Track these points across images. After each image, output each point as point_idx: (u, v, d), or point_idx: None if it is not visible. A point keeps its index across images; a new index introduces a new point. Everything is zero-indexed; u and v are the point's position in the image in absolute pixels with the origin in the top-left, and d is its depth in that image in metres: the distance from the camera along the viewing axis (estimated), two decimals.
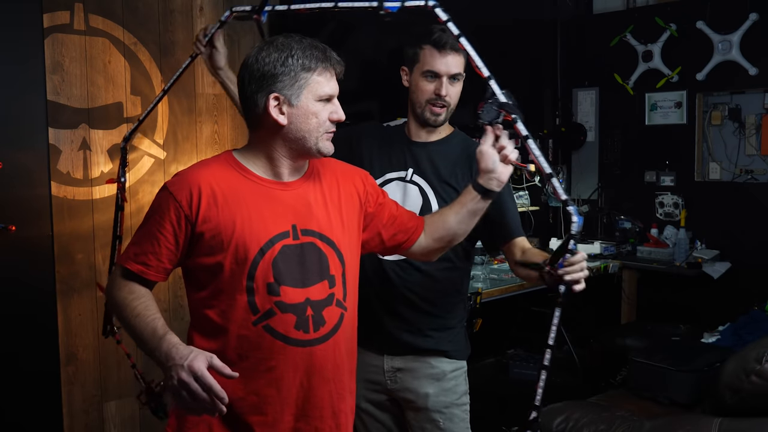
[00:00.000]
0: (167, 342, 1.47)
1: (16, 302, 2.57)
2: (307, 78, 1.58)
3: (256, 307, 1.56)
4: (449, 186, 2.12)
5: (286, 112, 1.57)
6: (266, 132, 1.61)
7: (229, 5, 3.46)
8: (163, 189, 1.60)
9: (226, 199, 1.57)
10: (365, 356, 2.19)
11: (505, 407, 3.88)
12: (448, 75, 2.07)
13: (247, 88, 1.60)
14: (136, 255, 1.59)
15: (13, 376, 2.57)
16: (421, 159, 2.15)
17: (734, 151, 4.55)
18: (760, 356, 2.15)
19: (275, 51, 1.58)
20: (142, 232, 1.60)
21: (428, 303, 2.13)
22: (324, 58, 1.60)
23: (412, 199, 2.13)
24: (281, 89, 1.57)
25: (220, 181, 1.58)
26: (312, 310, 1.60)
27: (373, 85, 3.89)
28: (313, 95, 1.59)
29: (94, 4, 3.01)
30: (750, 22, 4.32)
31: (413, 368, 2.15)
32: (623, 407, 2.73)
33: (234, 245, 1.55)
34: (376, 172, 2.18)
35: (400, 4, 1.82)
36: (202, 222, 1.55)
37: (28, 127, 2.60)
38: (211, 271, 1.57)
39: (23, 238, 2.57)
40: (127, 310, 1.55)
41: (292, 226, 1.60)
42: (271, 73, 1.56)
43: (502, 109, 1.70)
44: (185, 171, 1.63)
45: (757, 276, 4.27)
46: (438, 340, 2.14)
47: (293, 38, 1.60)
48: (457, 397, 2.17)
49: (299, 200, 1.64)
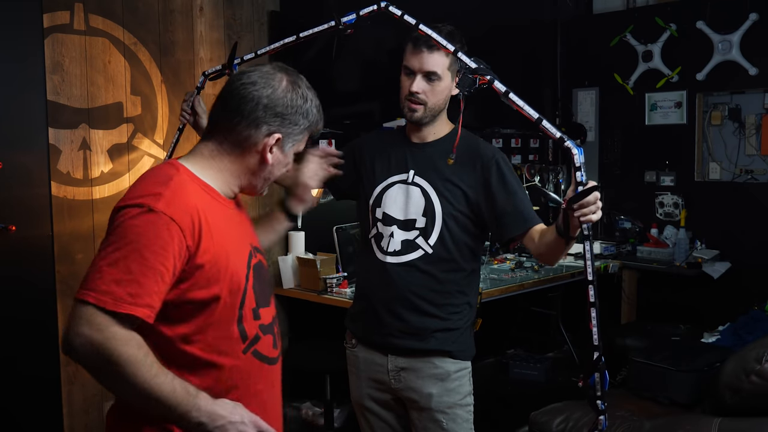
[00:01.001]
0: (206, 400, 1.35)
1: (16, 302, 2.57)
2: (304, 135, 1.55)
3: (246, 335, 1.48)
4: (452, 184, 2.11)
5: (274, 153, 1.51)
6: (241, 157, 1.51)
7: (229, 5, 3.46)
8: (157, 213, 1.35)
9: (213, 225, 1.43)
10: (370, 355, 2.20)
11: (505, 407, 3.89)
12: (421, 72, 2.05)
13: (255, 106, 1.47)
14: (136, 296, 1.31)
15: (14, 376, 2.57)
16: (421, 160, 2.15)
17: (734, 151, 4.55)
18: (760, 356, 2.15)
19: (309, 91, 1.53)
20: (134, 266, 1.31)
21: (432, 305, 2.12)
22: (317, 122, 1.57)
23: (415, 200, 2.12)
24: (288, 134, 1.50)
25: (204, 205, 1.44)
26: (276, 328, 1.60)
27: (373, 86, 3.88)
28: (296, 149, 1.56)
29: (94, 4, 3.01)
30: (750, 22, 4.32)
31: (417, 368, 2.14)
32: (623, 407, 2.73)
33: (228, 274, 1.44)
34: (378, 177, 2.19)
35: (355, 15, 1.94)
36: (203, 253, 1.39)
37: (28, 127, 2.61)
38: (204, 304, 1.41)
39: (23, 238, 2.57)
40: (143, 370, 1.30)
41: (250, 245, 1.56)
42: (292, 114, 1.49)
43: (475, 75, 1.74)
44: (172, 192, 1.40)
45: (757, 276, 4.27)
46: (442, 341, 2.13)
47: (312, 90, 1.55)
48: (460, 397, 2.16)
49: (243, 218, 1.62)
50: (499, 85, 1.73)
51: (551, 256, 2.03)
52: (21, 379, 2.59)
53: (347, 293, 3.39)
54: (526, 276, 3.80)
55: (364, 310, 2.22)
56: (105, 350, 1.28)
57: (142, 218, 1.34)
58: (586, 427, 2.54)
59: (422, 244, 2.11)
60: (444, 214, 2.10)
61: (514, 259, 4.17)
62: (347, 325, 2.31)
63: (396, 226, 2.14)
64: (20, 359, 2.59)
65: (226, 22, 3.46)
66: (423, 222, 2.11)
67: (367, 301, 2.20)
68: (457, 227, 2.11)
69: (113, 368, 1.29)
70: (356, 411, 2.32)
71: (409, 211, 2.12)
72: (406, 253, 2.12)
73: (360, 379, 2.25)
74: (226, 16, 3.46)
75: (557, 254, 2.00)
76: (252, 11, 3.56)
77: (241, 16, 3.51)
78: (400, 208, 2.14)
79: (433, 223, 2.10)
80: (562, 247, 1.91)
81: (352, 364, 2.28)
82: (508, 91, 1.70)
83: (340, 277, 3.49)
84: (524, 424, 2.81)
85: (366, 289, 2.23)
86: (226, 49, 3.44)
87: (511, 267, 3.97)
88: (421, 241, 2.11)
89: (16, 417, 2.59)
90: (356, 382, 2.27)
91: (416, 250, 2.11)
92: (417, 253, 2.11)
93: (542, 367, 4.36)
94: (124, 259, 1.31)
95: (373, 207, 2.19)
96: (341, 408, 3.55)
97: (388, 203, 2.16)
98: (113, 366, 1.29)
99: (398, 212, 2.14)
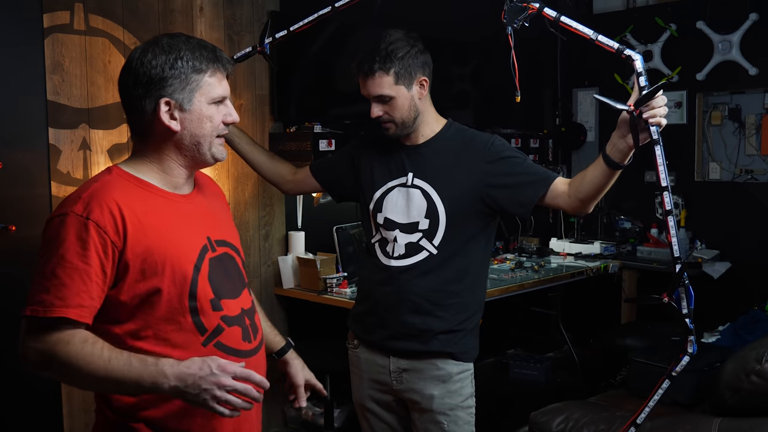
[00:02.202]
0: (170, 364, 1.34)
1: (16, 302, 2.56)
2: (198, 80, 1.48)
3: (203, 327, 1.47)
4: (453, 180, 2.09)
5: (179, 117, 1.48)
6: (157, 140, 1.50)
7: (229, 5, 3.46)
8: (72, 215, 1.38)
9: (147, 218, 1.44)
10: (372, 356, 2.20)
11: (505, 407, 3.89)
12: (371, 97, 2.08)
13: (132, 93, 1.48)
14: (65, 298, 1.34)
15: (14, 376, 2.57)
16: (418, 161, 2.14)
17: (734, 151, 4.55)
18: (760, 356, 2.15)
19: (162, 53, 1.46)
20: (59, 270, 1.35)
21: (436, 307, 2.10)
22: (215, 58, 1.50)
23: (416, 203, 2.11)
24: (172, 93, 1.46)
25: (132, 200, 1.44)
26: (248, 319, 1.59)
27: None
28: (206, 98, 1.49)
29: (94, 4, 3.01)
30: (750, 22, 4.32)
31: (419, 369, 2.14)
32: (623, 407, 2.73)
33: (169, 266, 1.44)
34: (377, 183, 2.18)
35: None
36: (133, 246, 1.40)
37: (28, 127, 2.61)
38: (144, 298, 1.42)
39: (23, 238, 2.57)
40: (94, 360, 1.33)
41: (207, 238, 1.55)
42: (160, 76, 1.45)
43: (524, 3, 1.67)
44: (90, 193, 1.42)
45: (757, 276, 4.27)
46: (444, 343, 2.12)
47: (180, 38, 1.50)
48: (462, 399, 2.16)
49: (203, 212, 1.59)
50: (549, 11, 1.67)
51: (593, 197, 1.94)
52: (21, 379, 2.59)
53: (347, 293, 3.39)
54: (526, 276, 3.80)
55: (367, 312, 2.21)
56: (51, 355, 1.35)
57: (62, 225, 1.38)
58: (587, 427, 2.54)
59: (426, 245, 2.10)
60: (447, 214, 2.08)
61: (514, 259, 4.17)
62: (350, 325, 2.30)
63: (399, 230, 2.12)
64: None
65: (226, 22, 3.46)
66: (426, 224, 2.09)
67: (371, 303, 2.19)
68: (462, 225, 2.09)
69: (65, 369, 1.35)
70: (357, 411, 2.32)
71: (411, 214, 2.11)
72: (410, 256, 2.11)
73: (362, 380, 2.24)
74: (226, 16, 3.46)
75: (600, 192, 1.93)
76: (252, 11, 3.56)
77: (241, 16, 3.51)
78: (402, 211, 2.12)
79: (436, 224, 2.08)
80: (608, 180, 1.87)
81: (354, 364, 2.28)
82: (559, 14, 1.65)
83: (340, 277, 3.49)
84: (524, 424, 2.81)
85: (369, 291, 2.22)
86: (227, 48, 3.44)
87: (511, 267, 3.97)
88: (425, 243, 2.10)
89: (17, 417, 2.59)
90: (358, 382, 2.26)
91: (420, 252, 2.10)
92: (421, 255, 2.10)
93: (542, 367, 4.36)
94: (51, 267, 1.37)
95: (374, 212, 2.18)
96: (341, 408, 3.55)
97: (389, 208, 2.15)
98: (64, 367, 1.35)
99: (400, 216, 2.12)
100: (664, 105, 1.65)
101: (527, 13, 1.68)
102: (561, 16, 1.64)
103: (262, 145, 2.43)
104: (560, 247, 4.54)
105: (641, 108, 1.62)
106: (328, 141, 3.47)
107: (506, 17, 1.70)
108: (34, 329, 1.37)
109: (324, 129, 3.50)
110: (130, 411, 1.45)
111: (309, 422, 3.65)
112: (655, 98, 1.62)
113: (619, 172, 1.86)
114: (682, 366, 1.67)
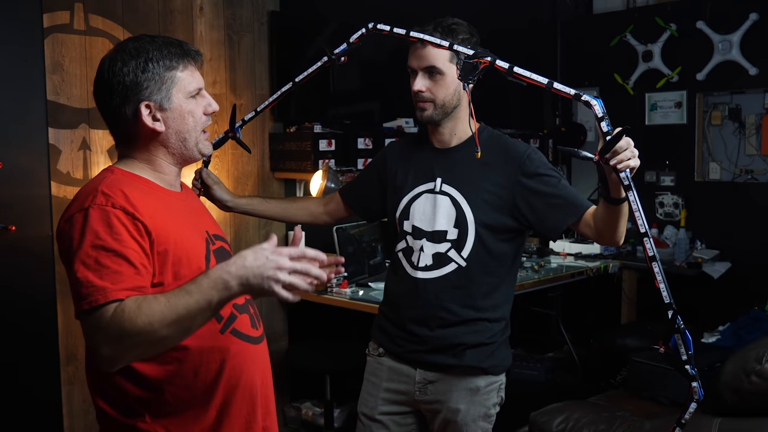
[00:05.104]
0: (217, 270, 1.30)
1: (16, 302, 2.57)
2: (172, 77, 1.50)
3: (220, 314, 1.46)
4: (483, 189, 1.99)
5: (161, 118, 1.50)
6: (144, 143, 1.53)
7: (229, 5, 3.46)
8: (95, 207, 1.39)
9: (158, 213, 1.45)
10: (398, 365, 2.10)
11: (505, 407, 3.88)
12: (420, 69, 1.97)
13: (111, 103, 1.50)
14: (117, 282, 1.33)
15: (14, 376, 2.57)
16: (448, 166, 2.03)
17: (734, 151, 4.56)
18: (760, 356, 2.15)
19: (131, 58, 1.48)
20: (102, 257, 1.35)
21: (466, 321, 2.01)
22: (183, 53, 1.52)
23: (444, 210, 2.01)
24: (150, 96, 1.48)
25: (142, 195, 1.46)
26: (252, 308, 1.62)
27: (374, 86, 3.89)
28: (183, 93, 1.51)
29: (94, 4, 3.01)
30: (750, 22, 4.32)
31: (447, 381, 2.04)
32: (623, 407, 2.73)
33: (185, 257, 1.46)
34: (405, 189, 2.09)
35: (346, 45, 1.96)
36: (156, 237, 1.42)
37: (28, 127, 2.61)
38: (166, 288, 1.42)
39: (23, 238, 2.57)
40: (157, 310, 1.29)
41: (206, 232, 1.58)
42: (134, 82, 1.47)
43: (475, 59, 1.68)
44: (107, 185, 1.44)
45: (757, 276, 4.27)
46: (476, 357, 2.02)
47: (144, 39, 1.52)
48: (486, 410, 2.08)
49: (196, 209, 1.64)
50: (502, 62, 1.65)
51: (611, 230, 1.84)
52: (21, 379, 2.59)
53: (347, 293, 3.39)
54: (526, 276, 3.80)
55: (394, 323, 2.11)
56: (119, 333, 1.30)
57: (87, 219, 1.38)
58: (587, 427, 2.54)
59: (455, 257, 2.00)
60: (477, 224, 1.97)
61: None
62: (374, 334, 2.19)
63: (425, 238, 2.02)
64: (20, 359, 2.59)
65: (226, 22, 3.45)
66: (455, 233, 1.99)
67: (398, 315, 2.09)
68: (492, 236, 1.99)
69: (136, 335, 1.29)
70: (360, 421, 2.19)
71: (437, 222, 2.00)
72: (438, 267, 2.00)
73: (378, 389, 2.14)
74: (226, 16, 3.46)
75: (615, 226, 1.82)
76: (252, 11, 3.56)
77: (241, 16, 3.51)
78: (428, 219, 2.02)
79: (465, 234, 1.98)
80: (617, 214, 1.77)
81: (372, 373, 2.17)
82: (512, 66, 1.63)
83: (340, 277, 3.49)
84: (524, 424, 2.81)
85: (396, 303, 2.11)
86: (227, 49, 3.45)
87: None
88: (453, 254, 2.00)
89: (17, 417, 2.59)
90: (372, 391, 2.15)
91: (449, 263, 2.00)
92: (450, 267, 2.00)
93: (542, 367, 4.36)
94: (90, 259, 1.35)
95: (400, 220, 2.09)
96: (341, 408, 3.54)
97: (416, 215, 2.04)
98: (135, 333, 1.29)
99: (426, 224, 2.02)
100: (631, 148, 1.58)
101: (480, 68, 1.68)
102: (513, 67, 1.62)
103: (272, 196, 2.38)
104: (560, 247, 4.54)
105: (605, 156, 1.57)
106: (328, 141, 3.47)
107: (461, 75, 1.71)
108: (95, 322, 1.32)
109: (324, 129, 3.50)
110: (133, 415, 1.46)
111: (309, 422, 3.65)
112: (620, 143, 1.56)
113: (624, 205, 1.76)
114: (690, 413, 1.64)
